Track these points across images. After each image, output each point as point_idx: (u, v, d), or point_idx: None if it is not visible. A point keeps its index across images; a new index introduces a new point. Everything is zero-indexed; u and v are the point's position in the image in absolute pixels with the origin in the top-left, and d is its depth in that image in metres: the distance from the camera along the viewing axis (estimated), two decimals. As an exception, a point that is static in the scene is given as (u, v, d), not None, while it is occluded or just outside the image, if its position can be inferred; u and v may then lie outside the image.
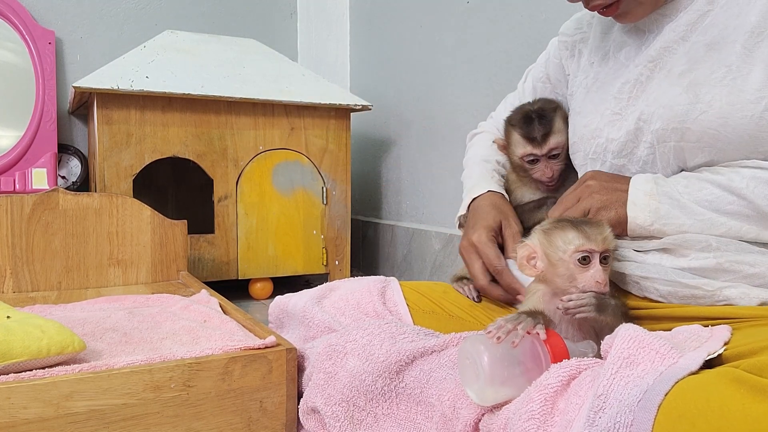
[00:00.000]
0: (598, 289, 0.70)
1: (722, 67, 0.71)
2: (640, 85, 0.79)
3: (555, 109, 0.95)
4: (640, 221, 0.73)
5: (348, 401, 0.75)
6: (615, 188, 0.77)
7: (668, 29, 0.77)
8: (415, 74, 2.00)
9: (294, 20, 2.41)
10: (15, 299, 1.22)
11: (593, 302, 0.69)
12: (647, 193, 0.74)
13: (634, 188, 0.75)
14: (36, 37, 1.92)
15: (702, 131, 0.71)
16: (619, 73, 0.83)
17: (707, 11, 0.74)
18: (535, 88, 1.05)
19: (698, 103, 0.71)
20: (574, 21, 0.98)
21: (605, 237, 0.71)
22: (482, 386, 0.62)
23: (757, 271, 0.67)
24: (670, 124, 0.74)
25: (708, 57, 0.73)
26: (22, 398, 0.68)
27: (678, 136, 0.74)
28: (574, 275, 0.71)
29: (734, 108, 0.69)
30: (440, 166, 1.88)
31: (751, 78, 0.68)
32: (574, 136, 0.89)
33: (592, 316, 0.70)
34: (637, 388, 0.50)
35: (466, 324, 0.92)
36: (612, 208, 0.76)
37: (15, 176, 1.85)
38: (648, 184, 0.74)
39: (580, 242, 0.70)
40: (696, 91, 0.72)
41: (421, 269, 1.92)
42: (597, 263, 0.71)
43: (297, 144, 1.80)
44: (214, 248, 1.71)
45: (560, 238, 0.72)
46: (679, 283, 0.70)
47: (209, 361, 0.78)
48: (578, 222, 0.73)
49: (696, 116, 0.71)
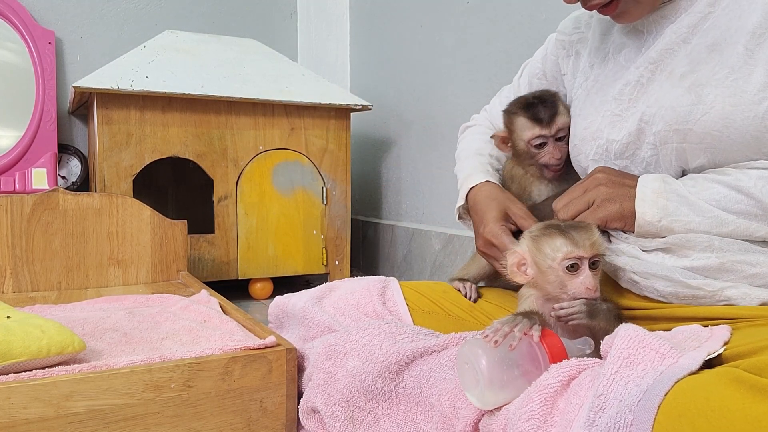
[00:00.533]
0: (588, 295, 0.70)
1: (724, 68, 0.71)
2: (641, 86, 0.79)
3: (554, 94, 0.96)
4: (649, 217, 0.73)
5: (348, 401, 0.75)
6: (622, 183, 0.77)
7: (669, 31, 0.77)
8: (415, 74, 2.00)
9: (294, 20, 2.41)
10: (15, 299, 1.22)
11: (584, 309, 0.69)
12: (655, 191, 0.73)
13: (642, 185, 0.75)
14: (36, 37, 1.92)
15: (704, 132, 0.71)
16: (619, 75, 0.83)
17: (708, 13, 0.74)
18: (530, 84, 1.04)
19: (700, 105, 0.71)
20: (571, 20, 0.98)
21: (594, 242, 0.70)
22: (482, 390, 0.61)
23: (758, 271, 0.67)
24: (672, 126, 0.74)
25: (710, 58, 0.73)
26: (22, 398, 0.68)
27: (680, 138, 0.74)
28: (564, 282, 0.71)
29: (736, 109, 0.69)
30: (440, 166, 1.88)
31: (753, 79, 0.68)
32: (576, 138, 0.89)
33: (585, 323, 0.70)
34: (637, 387, 0.50)
35: (465, 324, 0.92)
36: (617, 200, 0.76)
37: (15, 176, 1.85)
38: (656, 182, 0.74)
39: (568, 249, 0.70)
40: (698, 92, 0.72)
41: (421, 269, 1.92)
42: (586, 269, 0.70)
43: (297, 144, 1.80)
44: (214, 248, 1.71)
45: (548, 245, 0.71)
46: (681, 282, 0.70)
47: (209, 361, 0.78)
48: (566, 228, 0.72)
49: (698, 117, 0.71)
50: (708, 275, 0.69)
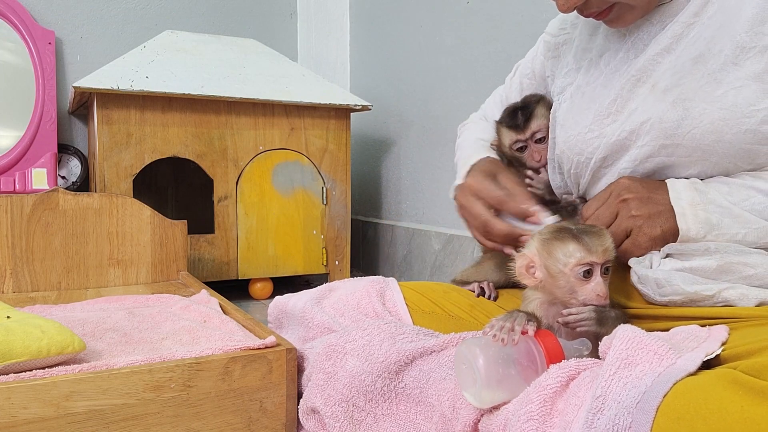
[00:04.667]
0: (598, 302, 0.69)
1: (711, 81, 0.70)
2: (623, 100, 0.78)
3: (538, 100, 0.98)
4: (693, 233, 0.69)
5: (347, 401, 0.75)
6: (651, 199, 0.73)
7: (654, 42, 0.76)
8: (415, 74, 2.00)
9: (294, 20, 2.41)
10: (15, 299, 1.22)
11: (593, 316, 0.68)
12: (692, 203, 0.70)
13: (675, 197, 0.71)
14: (36, 37, 1.92)
15: (694, 146, 0.71)
16: (602, 85, 0.82)
17: (692, 23, 0.73)
18: (521, 84, 1.05)
19: (688, 119, 0.71)
20: (558, 20, 0.98)
21: (606, 248, 0.69)
22: (479, 389, 0.62)
23: (756, 272, 0.67)
24: (659, 141, 0.73)
25: (694, 70, 0.72)
26: (22, 398, 0.68)
27: (668, 152, 0.73)
28: (574, 288, 0.69)
29: (727, 123, 0.68)
30: (440, 166, 1.88)
31: (744, 92, 0.68)
32: (557, 149, 0.89)
33: (593, 330, 0.69)
34: (635, 389, 0.51)
35: (465, 324, 0.92)
36: (656, 224, 0.72)
37: (15, 176, 1.85)
38: (688, 192, 0.71)
39: (581, 255, 0.68)
40: (685, 106, 0.71)
41: (421, 269, 1.92)
42: (598, 276, 0.69)
43: (297, 144, 1.80)
44: (214, 248, 1.71)
45: (560, 250, 0.69)
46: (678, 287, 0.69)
47: (209, 361, 0.78)
48: (579, 232, 0.70)
49: (686, 132, 0.71)
50: (707, 276, 0.69)
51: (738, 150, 0.69)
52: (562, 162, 0.88)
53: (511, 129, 0.98)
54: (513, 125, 0.97)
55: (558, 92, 0.92)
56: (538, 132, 0.96)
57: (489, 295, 0.98)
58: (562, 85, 0.91)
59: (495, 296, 0.98)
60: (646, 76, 0.76)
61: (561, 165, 0.89)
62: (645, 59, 0.76)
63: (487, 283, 0.99)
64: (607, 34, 0.85)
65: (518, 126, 0.96)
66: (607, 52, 0.84)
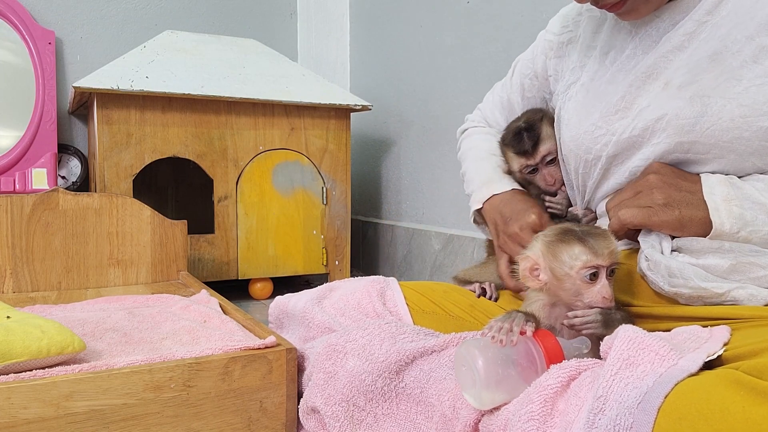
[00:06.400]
0: (604, 304, 0.68)
1: (730, 78, 0.69)
2: (630, 96, 0.77)
3: (541, 118, 0.96)
4: (727, 228, 0.67)
5: (348, 401, 0.75)
6: (679, 186, 0.71)
7: (665, 39, 0.76)
8: (415, 74, 2.00)
9: (294, 20, 2.41)
10: (15, 299, 1.22)
11: (599, 319, 0.68)
12: (725, 198, 0.68)
13: (708, 191, 0.69)
14: (36, 37, 1.92)
15: (712, 143, 0.70)
16: (609, 83, 0.82)
17: (706, 21, 0.73)
18: (522, 84, 1.03)
19: (706, 116, 0.70)
20: (560, 18, 0.96)
21: (612, 250, 0.68)
22: (479, 390, 0.61)
23: (766, 273, 0.66)
24: (675, 138, 0.72)
25: (711, 68, 0.71)
26: (22, 398, 0.68)
27: (684, 149, 0.72)
28: (580, 290, 0.69)
29: (746, 120, 0.68)
30: (440, 166, 1.88)
31: (764, 89, 0.67)
32: (564, 148, 0.88)
33: (599, 333, 0.68)
34: (636, 389, 0.50)
35: (466, 324, 0.92)
36: (675, 207, 0.70)
37: (15, 176, 1.85)
38: (723, 187, 0.69)
39: (587, 258, 0.68)
40: (703, 102, 0.70)
41: (421, 269, 1.92)
42: (604, 278, 0.68)
43: (297, 144, 1.80)
44: (214, 248, 1.71)
45: (566, 252, 0.69)
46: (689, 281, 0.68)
47: (209, 361, 0.78)
48: (584, 234, 0.69)
49: (705, 129, 0.70)
50: (719, 275, 0.68)
51: (756, 148, 0.68)
52: (569, 162, 0.87)
53: (519, 155, 0.95)
54: (521, 151, 0.95)
55: (562, 91, 0.91)
56: (548, 155, 0.94)
57: (490, 296, 0.98)
58: (567, 83, 0.90)
59: (496, 297, 0.98)
60: (657, 73, 0.75)
61: (567, 165, 0.88)
62: (656, 56, 0.76)
63: (489, 284, 0.99)
64: (612, 31, 0.84)
65: (527, 152, 0.94)
66: (612, 50, 0.83)
